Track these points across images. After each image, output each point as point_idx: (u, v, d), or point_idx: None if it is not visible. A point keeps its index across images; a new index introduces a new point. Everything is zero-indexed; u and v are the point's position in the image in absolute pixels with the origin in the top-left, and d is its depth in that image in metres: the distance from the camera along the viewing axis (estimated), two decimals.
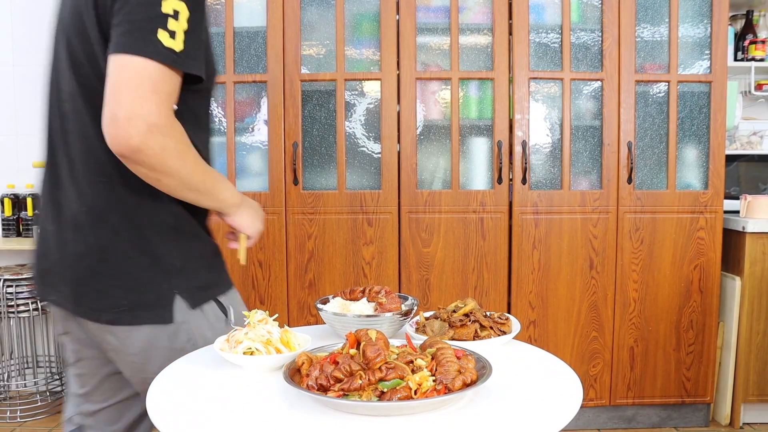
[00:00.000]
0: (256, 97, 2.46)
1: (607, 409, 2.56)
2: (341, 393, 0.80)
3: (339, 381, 0.81)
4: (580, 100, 2.47)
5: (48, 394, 2.84)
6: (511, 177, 2.44)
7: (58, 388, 2.90)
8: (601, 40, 2.42)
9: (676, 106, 2.45)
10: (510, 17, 2.40)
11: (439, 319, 1.12)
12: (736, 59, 2.82)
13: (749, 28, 2.82)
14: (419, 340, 0.98)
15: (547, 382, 0.93)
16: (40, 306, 2.68)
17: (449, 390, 0.79)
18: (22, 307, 2.65)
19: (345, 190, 2.43)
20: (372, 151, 2.46)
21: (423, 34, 2.45)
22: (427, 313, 1.16)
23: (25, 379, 2.90)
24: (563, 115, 2.44)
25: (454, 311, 1.13)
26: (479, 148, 2.47)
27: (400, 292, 1.26)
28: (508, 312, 2.44)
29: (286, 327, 1.03)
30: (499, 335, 1.08)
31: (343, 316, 1.09)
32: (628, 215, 2.44)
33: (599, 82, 2.44)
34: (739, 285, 2.47)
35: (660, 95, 2.47)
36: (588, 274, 2.45)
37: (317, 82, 2.44)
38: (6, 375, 2.87)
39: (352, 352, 0.86)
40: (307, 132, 2.46)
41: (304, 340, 1.03)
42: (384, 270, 2.44)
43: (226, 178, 1.18)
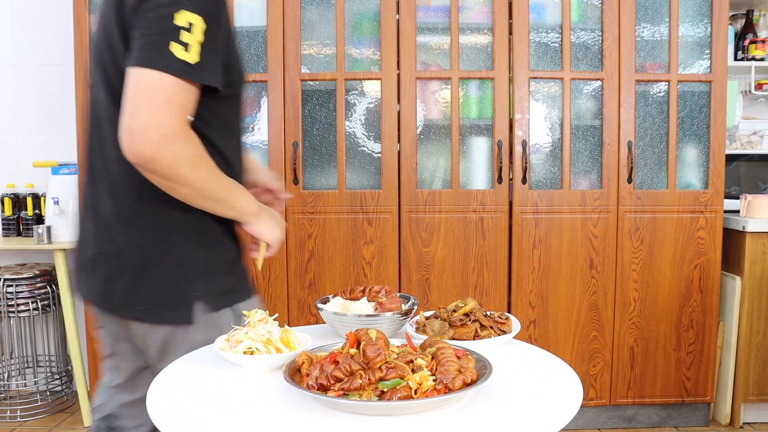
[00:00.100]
0: (257, 96, 2.46)
1: (607, 409, 2.56)
2: (341, 392, 0.80)
3: (339, 380, 0.81)
4: (580, 99, 2.47)
5: (48, 393, 2.85)
6: (511, 176, 2.44)
7: (58, 388, 2.90)
8: (601, 40, 2.42)
9: (676, 105, 2.45)
10: (510, 17, 2.40)
11: (439, 318, 1.12)
12: (736, 59, 2.82)
13: (749, 27, 2.82)
14: (419, 339, 0.98)
15: (547, 381, 0.93)
16: (40, 305, 2.68)
17: (449, 389, 0.79)
18: (22, 307, 2.65)
19: (345, 190, 2.43)
20: (372, 151, 2.46)
21: (423, 33, 2.45)
22: (427, 313, 1.16)
23: (25, 379, 2.90)
24: (563, 115, 2.44)
25: (455, 311, 1.13)
26: (479, 148, 2.47)
27: (400, 292, 1.26)
28: (508, 311, 2.44)
29: (286, 326, 1.03)
30: (499, 335, 1.08)
31: (343, 315, 1.09)
32: (629, 215, 2.44)
33: (599, 82, 2.44)
34: (740, 284, 2.47)
35: (660, 95, 2.47)
36: (588, 274, 2.45)
37: (317, 82, 2.44)
38: (6, 374, 2.87)
39: (353, 351, 0.86)
40: (308, 131, 2.46)
41: (305, 339, 1.03)
42: (384, 269, 2.44)
43: (243, 187, 1.19)
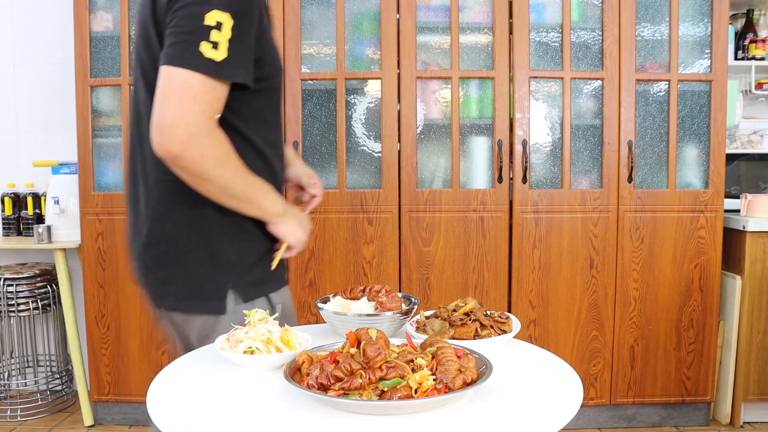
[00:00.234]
0: None
1: (607, 408, 2.56)
2: (341, 392, 0.80)
3: (339, 380, 0.81)
4: (580, 99, 2.47)
5: (48, 393, 2.85)
6: (511, 176, 2.44)
7: (59, 388, 2.90)
8: (602, 39, 2.42)
9: (676, 105, 2.45)
10: (510, 16, 2.40)
11: (439, 318, 1.12)
12: (736, 58, 2.81)
13: (750, 26, 2.82)
14: (419, 339, 0.98)
15: (548, 381, 0.93)
16: (40, 305, 2.68)
17: (449, 389, 0.79)
18: (22, 306, 2.65)
19: (345, 189, 2.43)
20: (372, 150, 2.46)
21: (423, 33, 2.45)
22: (427, 312, 1.16)
23: (25, 378, 2.90)
24: (563, 114, 2.44)
25: (455, 310, 1.13)
26: (479, 147, 2.47)
27: (400, 291, 1.26)
28: (509, 311, 2.44)
29: (286, 326, 1.03)
30: (499, 334, 1.08)
31: (343, 315, 1.09)
32: (629, 214, 2.44)
33: (599, 81, 2.44)
34: (740, 284, 2.47)
35: (660, 94, 2.47)
36: (588, 273, 2.45)
37: (318, 81, 2.44)
38: (6, 374, 2.87)
39: (353, 351, 0.86)
40: (308, 131, 2.46)
41: (305, 339, 1.03)
42: (384, 269, 2.44)
43: (270, 187, 1.20)
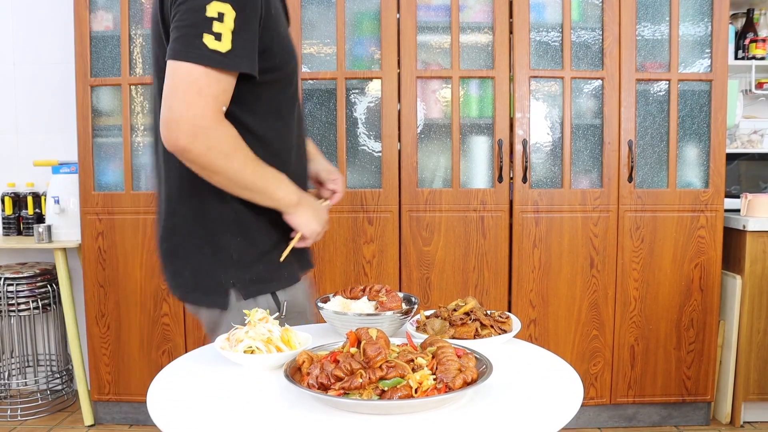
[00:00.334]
0: None
1: (607, 408, 2.56)
2: (342, 392, 0.80)
3: (339, 379, 0.81)
4: (580, 98, 2.47)
5: (48, 392, 2.85)
6: (511, 176, 2.44)
7: (59, 387, 2.90)
8: (602, 39, 2.42)
9: (676, 104, 2.45)
10: (511, 16, 2.40)
11: (439, 317, 1.12)
12: (736, 58, 2.81)
13: (750, 26, 2.81)
14: (420, 338, 0.98)
15: (548, 380, 0.93)
16: (40, 304, 2.68)
17: (450, 389, 0.79)
18: (22, 306, 2.65)
19: (346, 189, 2.43)
20: (372, 150, 2.46)
21: (424, 32, 2.45)
22: (427, 312, 1.16)
23: (25, 378, 2.90)
24: (564, 114, 2.44)
25: (455, 310, 1.12)
26: (480, 147, 2.47)
27: (400, 291, 1.27)
28: (509, 310, 2.44)
29: (286, 325, 1.03)
30: (499, 334, 1.08)
31: (343, 314, 1.09)
32: (629, 214, 2.44)
33: (600, 81, 2.44)
34: (740, 283, 2.47)
35: (660, 94, 2.47)
36: (588, 273, 2.45)
37: (318, 81, 2.44)
38: (6, 373, 2.87)
39: (353, 350, 0.86)
40: (308, 131, 2.46)
41: (305, 338, 1.03)
42: (384, 268, 2.44)
43: (284, 177, 1.20)
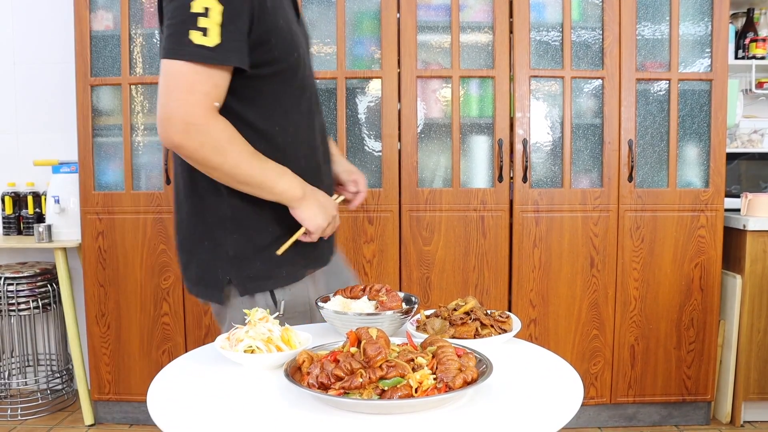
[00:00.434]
0: None
1: (607, 408, 2.56)
2: (342, 391, 0.80)
3: (340, 379, 0.81)
4: (580, 98, 2.47)
5: (48, 392, 2.85)
6: (511, 175, 2.44)
7: (59, 387, 2.90)
8: (602, 38, 2.42)
9: (676, 104, 2.45)
10: (511, 15, 2.40)
11: (439, 317, 1.12)
12: (736, 57, 2.81)
13: (750, 26, 2.81)
14: (420, 338, 0.98)
15: (548, 380, 0.93)
16: (40, 304, 2.68)
17: (450, 388, 0.79)
18: (22, 305, 2.65)
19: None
20: (373, 150, 2.46)
21: (424, 32, 2.45)
22: (427, 312, 1.16)
23: (25, 378, 2.90)
24: (564, 114, 2.44)
25: (455, 309, 1.12)
26: (480, 147, 2.47)
27: (400, 291, 1.26)
28: (509, 310, 2.44)
29: (286, 325, 1.03)
30: (499, 333, 1.08)
31: (343, 314, 1.09)
32: (629, 213, 2.44)
33: (600, 81, 2.44)
34: (740, 283, 2.47)
35: (661, 93, 2.47)
36: (589, 273, 2.45)
37: (318, 80, 2.44)
38: (7, 373, 2.87)
39: (353, 350, 0.86)
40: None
41: (305, 338, 1.03)
42: (384, 268, 2.44)
43: (287, 171, 1.19)
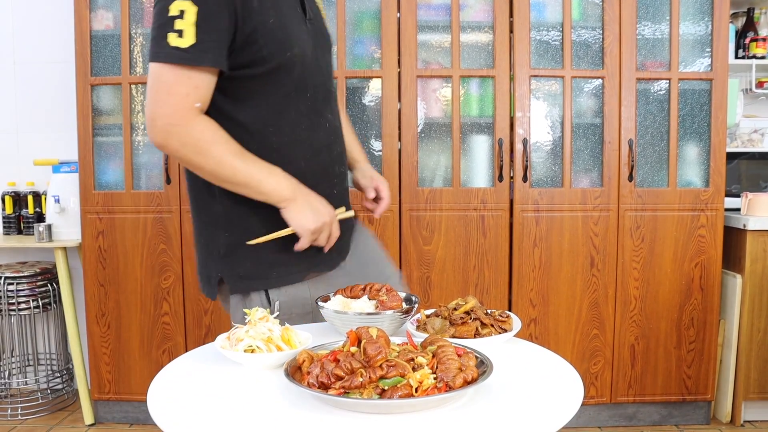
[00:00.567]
0: None
1: (607, 407, 2.56)
2: (342, 391, 0.80)
3: (340, 379, 0.81)
4: (581, 97, 2.47)
5: (49, 391, 2.85)
6: (512, 175, 2.44)
7: (59, 386, 2.90)
8: (602, 38, 2.42)
9: (677, 103, 2.45)
10: (511, 15, 2.40)
11: (440, 316, 1.12)
12: (737, 57, 2.81)
13: (750, 25, 2.81)
14: (420, 337, 0.98)
15: (548, 379, 0.93)
16: (41, 303, 2.68)
17: (450, 388, 0.79)
18: (23, 305, 2.65)
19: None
20: (373, 149, 2.46)
21: (424, 31, 2.45)
22: (428, 311, 1.16)
23: (26, 377, 2.90)
24: (564, 113, 2.44)
25: (455, 309, 1.12)
26: (480, 146, 2.47)
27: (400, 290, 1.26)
28: (509, 310, 2.44)
29: (287, 324, 1.03)
30: (500, 333, 1.08)
31: (344, 313, 1.09)
32: (629, 213, 2.44)
33: (600, 80, 2.44)
34: (740, 283, 2.47)
35: (661, 93, 2.47)
36: (589, 272, 2.45)
37: None
38: (7, 372, 2.87)
39: (353, 349, 0.86)
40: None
41: (305, 337, 1.02)
42: None
43: (277, 171, 1.18)
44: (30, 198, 2.84)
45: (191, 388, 0.90)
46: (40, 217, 2.81)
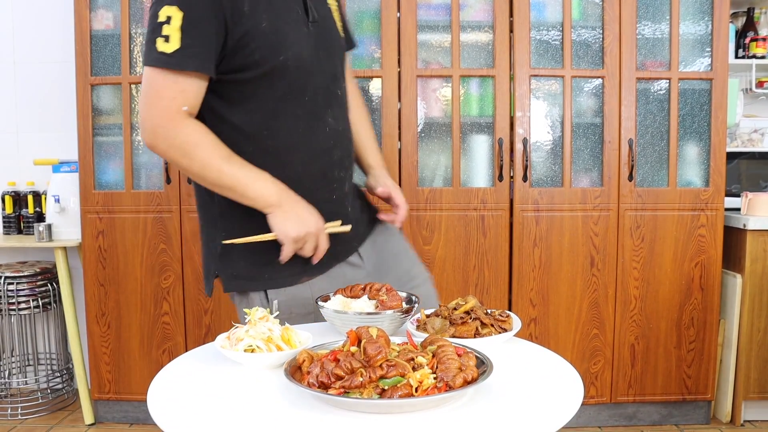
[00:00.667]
0: None
1: (608, 407, 2.56)
2: (342, 390, 0.80)
3: (340, 378, 0.81)
4: (581, 97, 2.47)
5: (49, 391, 2.85)
6: (512, 174, 2.43)
7: (59, 386, 2.90)
8: (602, 38, 2.42)
9: (677, 103, 2.45)
10: (511, 14, 2.40)
11: (440, 316, 1.12)
12: (737, 56, 2.81)
13: (750, 25, 2.81)
14: (420, 337, 0.98)
15: (548, 379, 0.93)
16: (41, 303, 2.68)
17: (450, 387, 0.79)
18: (23, 305, 2.65)
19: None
20: None
21: (424, 31, 2.45)
22: (428, 311, 1.16)
23: (26, 377, 2.90)
24: (564, 113, 2.44)
25: (455, 309, 1.12)
26: (480, 146, 2.47)
27: (400, 290, 1.26)
28: (509, 309, 2.44)
29: (287, 324, 1.03)
30: (500, 333, 1.08)
31: (344, 313, 1.09)
32: (629, 212, 2.44)
33: (600, 80, 2.44)
34: (740, 282, 2.47)
35: (661, 92, 2.47)
36: (589, 272, 2.45)
37: None
38: (7, 372, 2.87)
39: (353, 349, 0.86)
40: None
41: (305, 337, 1.02)
42: None
43: (264, 176, 1.17)
44: (30, 198, 2.84)
45: (191, 388, 0.90)
46: (40, 217, 2.81)
